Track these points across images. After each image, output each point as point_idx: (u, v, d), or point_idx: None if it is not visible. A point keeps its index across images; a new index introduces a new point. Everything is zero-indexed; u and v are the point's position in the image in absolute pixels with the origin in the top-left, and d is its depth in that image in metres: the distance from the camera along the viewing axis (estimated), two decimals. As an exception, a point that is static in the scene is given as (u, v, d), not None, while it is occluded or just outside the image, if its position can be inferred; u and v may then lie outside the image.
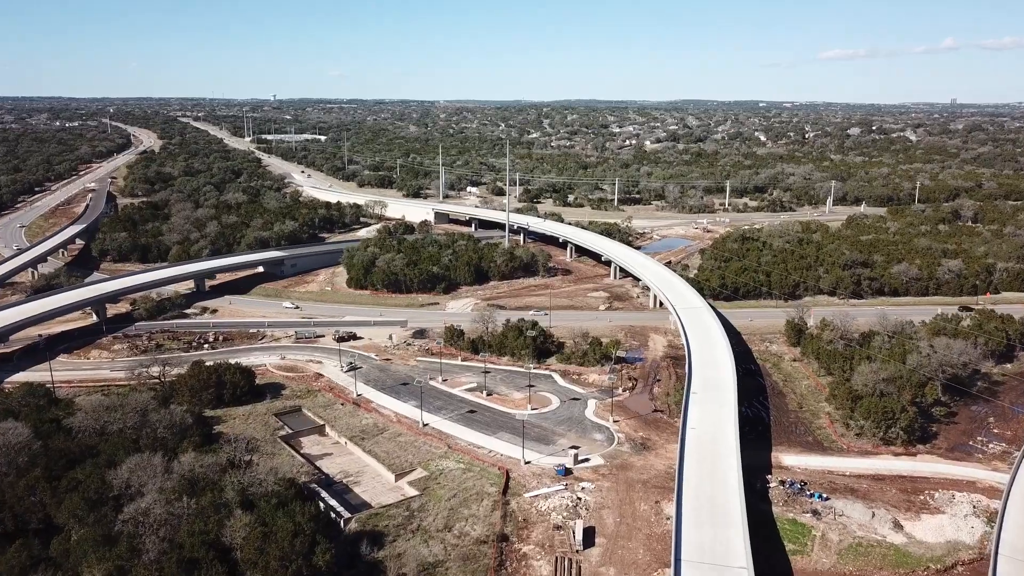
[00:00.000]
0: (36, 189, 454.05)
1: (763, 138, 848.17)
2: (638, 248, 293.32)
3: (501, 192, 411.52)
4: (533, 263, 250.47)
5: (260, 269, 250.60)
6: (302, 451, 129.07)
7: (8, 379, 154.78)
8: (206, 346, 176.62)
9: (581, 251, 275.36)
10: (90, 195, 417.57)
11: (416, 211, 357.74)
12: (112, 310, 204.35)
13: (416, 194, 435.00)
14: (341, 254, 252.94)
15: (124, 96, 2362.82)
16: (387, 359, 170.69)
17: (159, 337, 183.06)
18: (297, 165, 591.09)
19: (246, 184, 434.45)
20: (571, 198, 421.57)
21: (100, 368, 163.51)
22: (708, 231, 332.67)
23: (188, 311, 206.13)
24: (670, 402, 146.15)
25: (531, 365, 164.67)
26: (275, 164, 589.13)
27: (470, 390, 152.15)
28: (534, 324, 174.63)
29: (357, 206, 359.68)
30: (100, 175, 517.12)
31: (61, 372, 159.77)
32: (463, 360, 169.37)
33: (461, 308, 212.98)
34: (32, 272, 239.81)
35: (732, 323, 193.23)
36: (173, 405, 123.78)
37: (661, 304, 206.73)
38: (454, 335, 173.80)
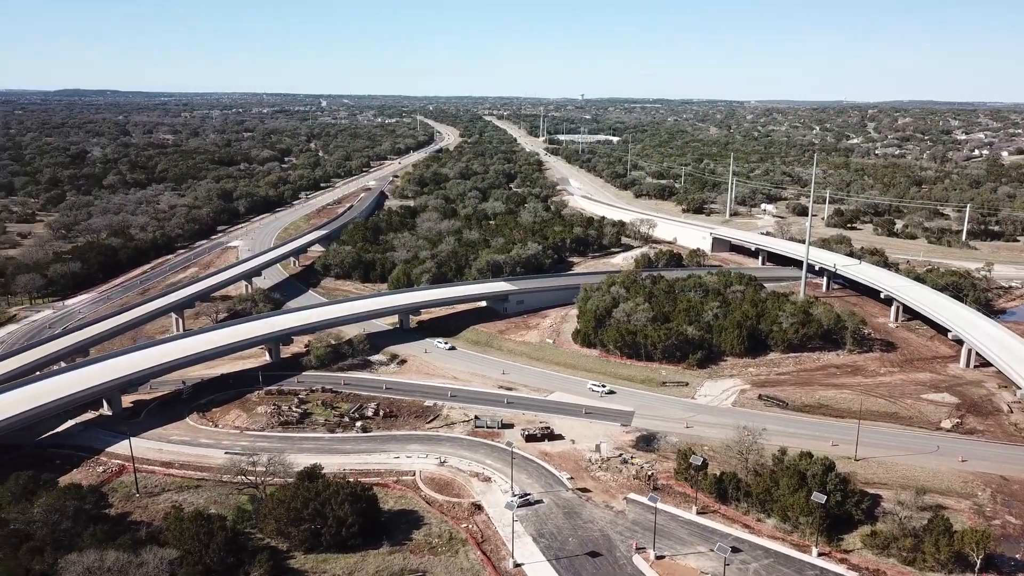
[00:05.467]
0: (322, 185, 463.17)
1: None
2: (1001, 312, 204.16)
3: (804, 211, 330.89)
4: (838, 329, 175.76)
5: (483, 303, 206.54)
6: None
7: (109, 448, 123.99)
8: (357, 425, 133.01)
9: (911, 311, 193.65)
10: (362, 194, 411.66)
11: (690, 234, 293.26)
12: (293, 346, 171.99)
13: (698, 209, 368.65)
14: (579, 290, 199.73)
15: (448, 95, 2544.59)
16: (583, 488, 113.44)
17: (314, 399, 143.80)
18: (578, 169, 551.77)
19: (513, 191, 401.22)
20: (899, 225, 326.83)
21: (219, 443, 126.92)
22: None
23: (374, 358, 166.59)
24: None
25: (815, 548, 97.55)
26: (557, 167, 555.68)
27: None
28: (828, 468, 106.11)
29: (621, 223, 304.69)
30: (385, 173, 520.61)
31: (173, 445, 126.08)
32: (699, 512, 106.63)
33: (719, 397, 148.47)
34: (246, 286, 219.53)
35: None
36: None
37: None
38: (690, 468, 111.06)
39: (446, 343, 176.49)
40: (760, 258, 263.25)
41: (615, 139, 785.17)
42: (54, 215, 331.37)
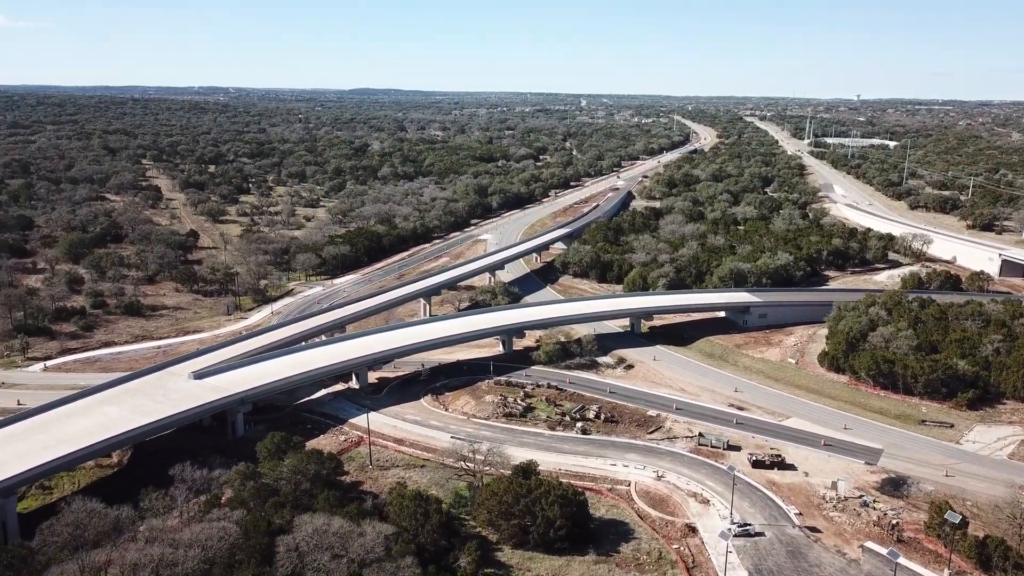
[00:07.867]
0: (572, 184, 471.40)
1: None
2: None
3: None
4: None
5: (722, 314, 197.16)
6: None
7: (352, 419, 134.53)
8: (578, 426, 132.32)
9: None
10: (609, 194, 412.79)
11: (973, 254, 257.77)
12: (525, 339, 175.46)
13: (987, 226, 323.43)
14: (831, 308, 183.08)
15: (709, 95, 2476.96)
16: (812, 528, 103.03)
17: (539, 395, 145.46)
18: (845, 175, 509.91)
19: (768, 195, 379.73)
20: None
21: (447, 426, 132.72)
22: None
23: (600, 360, 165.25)
24: None
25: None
26: (820, 172, 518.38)
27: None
28: None
29: (890, 237, 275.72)
30: (635, 173, 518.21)
31: (406, 424, 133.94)
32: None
33: (992, 445, 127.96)
34: (489, 278, 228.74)
35: None
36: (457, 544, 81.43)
37: None
38: (944, 524, 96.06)
39: None
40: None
41: (891, 143, 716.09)
42: (334, 201, 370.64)
